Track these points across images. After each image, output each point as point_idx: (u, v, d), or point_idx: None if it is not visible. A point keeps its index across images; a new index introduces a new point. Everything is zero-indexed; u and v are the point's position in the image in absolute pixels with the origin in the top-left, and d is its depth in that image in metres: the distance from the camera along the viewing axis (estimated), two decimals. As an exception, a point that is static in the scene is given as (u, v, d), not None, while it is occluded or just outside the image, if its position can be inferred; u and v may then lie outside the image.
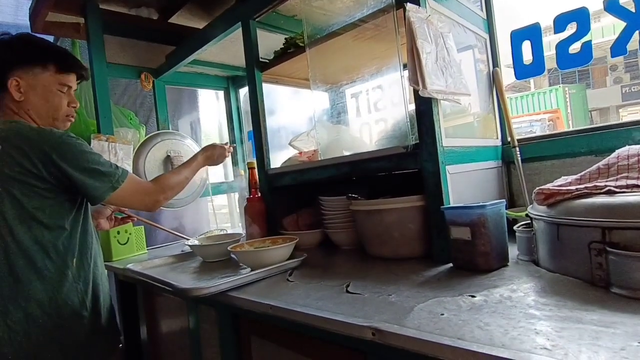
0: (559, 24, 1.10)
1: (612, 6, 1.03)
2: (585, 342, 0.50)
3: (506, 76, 1.33)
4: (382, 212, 1.07)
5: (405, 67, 1.04)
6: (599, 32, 11.89)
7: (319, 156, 1.38)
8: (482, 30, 1.34)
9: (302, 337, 0.86)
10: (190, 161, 1.39)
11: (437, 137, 0.97)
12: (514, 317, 0.61)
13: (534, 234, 0.87)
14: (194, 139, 2.29)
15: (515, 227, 0.95)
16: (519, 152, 1.23)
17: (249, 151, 2.48)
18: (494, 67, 1.35)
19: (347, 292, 0.84)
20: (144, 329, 1.59)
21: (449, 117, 1.07)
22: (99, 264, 1.16)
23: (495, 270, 0.86)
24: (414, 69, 0.95)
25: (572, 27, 1.09)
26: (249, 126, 2.30)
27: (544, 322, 0.58)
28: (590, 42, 1.08)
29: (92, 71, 1.83)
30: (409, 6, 0.97)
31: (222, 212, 3.06)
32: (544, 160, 1.24)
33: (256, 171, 1.54)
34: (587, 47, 1.08)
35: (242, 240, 1.43)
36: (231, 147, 1.54)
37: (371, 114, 1.35)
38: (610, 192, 0.72)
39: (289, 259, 1.13)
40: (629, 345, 0.48)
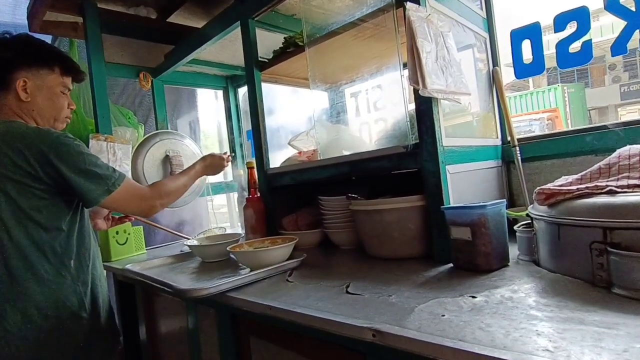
0: (559, 23, 1.10)
1: (612, 5, 1.03)
2: (587, 344, 0.50)
3: (505, 75, 1.33)
4: (382, 212, 1.06)
5: (405, 66, 1.04)
6: (597, 31, 11.90)
7: (318, 156, 1.37)
8: (481, 29, 1.33)
9: (301, 337, 0.85)
10: (188, 169, 1.39)
11: (437, 136, 0.97)
12: (516, 318, 0.61)
13: (534, 234, 0.87)
14: (193, 139, 2.28)
15: (515, 227, 0.94)
16: (519, 151, 1.23)
17: (248, 151, 2.47)
18: (493, 66, 1.35)
19: (347, 292, 0.84)
20: (143, 330, 1.59)
21: (448, 116, 1.07)
22: (97, 265, 1.16)
23: (495, 270, 0.86)
24: (414, 68, 0.95)
25: (572, 26, 1.09)
26: (248, 126, 2.29)
27: (546, 323, 0.58)
28: (590, 41, 1.08)
29: (90, 71, 1.83)
30: (408, 5, 0.96)
31: (221, 212, 3.07)
32: (544, 159, 1.24)
33: (255, 171, 1.54)
34: (587, 46, 1.08)
35: (241, 240, 1.43)
36: (230, 157, 1.54)
37: (371, 114, 1.35)
38: (611, 192, 0.72)
39: (289, 259, 1.13)
40: (631, 346, 0.48)
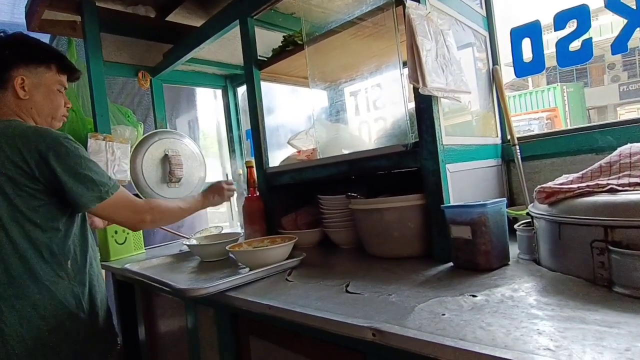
0: (559, 21, 1.10)
1: (612, 3, 1.03)
2: (589, 343, 0.50)
3: (505, 75, 1.33)
4: (382, 211, 1.06)
5: (404, 64, 1.03)
6: (596, 30, 11.91)
7: (317, 155, 1.37)
8: (481, 27, 1.33)
9: (301, 337, 0.85)
10: (190, 198, 1.39)
11: (437, 135, 0.96)
12: (516, 317, 0.60)
13: (535, 232, 0.86)
14: (192, 138, 2.27)
15: (516, 226, 0.94)
16: (519, 150, 1.23)
17: (248, 150, 2.47)
18: (493, 64, 1.35)
19: (347, 291, 0.83)
20: (142, 329, 1.58)
21: (448, 115, 1.07)
22: (95, 265, 1.15)
23: (496, 269, 0.86)
24: (414, 67, 0.94)
25: (572, 24, 1.08)
26: (247, 125, 2.28)
27: (547, 322, 0.57)
28: (590, 39, 1.08)
29: (88, 70, 1.82)
30: (408, 3, 0.96)
31: (221, 212, 3.07)
32: (544, 158, 1.23)
33: (254, 170, 1.53)
34: (588, 44, 1.07)
35: (241, 239, 1.42)
36: (234, 193, 1.52)
37: (370, 112, 1.35)
38: (612, 191, 0.72)
39: (288, 258, 1.12)
40: (634, 345, 0.48)
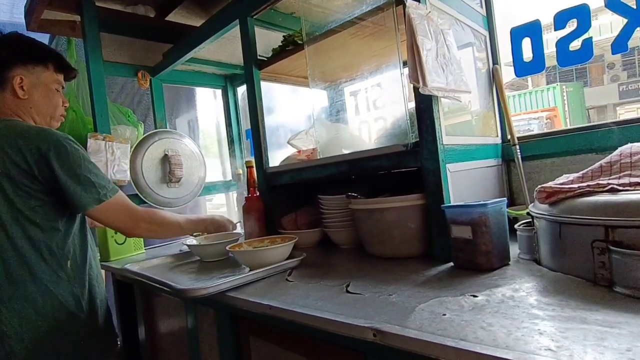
0: (559, 21, 1.09)
1: (612, 2, 1.02)
2: (590, 343, 0.49)
3: (505, 75, 1.33)
4: (382, 210, 1.06)
5: (405, 64, 1.03)
6: (596, 30, 11.92)
7: (317, 155, 1.37)
8: (481, 27, 1.33)
9: (301, 337, 0.85)
10: (196, 219, 1.39)
11: (437, 135, 0.96)
12: (517, 317, 0.60)
13: (535, 232, 0.86)
14: (192, 138, 2.27)
15: (516, 226, 0.94)
16: (519, 150, 1.23)
17: (248, 150, 2.47)
18: (493, 64, 1.35)
19: (347, 292, 0.83)
20: (142, 330, 1.58)
21: (448, 115, 1.06)
22: (94, 265, 1.15)
23: (496, 269, 0.86)
24: (414, 66, 0.94)
25: (572, 23, 1.08)
26: (247, 124, 2.28)
27: (548, 322, 0.57)
28: (590, 39, 1.07)
29: (88, 69, 1.82)
30: (408, 2, 0.96)
31: (221, 211, 3.07)
32: (544, 158, 1.23)
33: (254, 170, 1.53)
34: (588, 44, 1.07)
35: (241, 239, 1.42)
36: (235, 225, 1.52)
37: (370, 112, 1.35)
38: (613, 190, 0.72)
39: (288, 258, 1.12)
40: (635, 345, 0.48)
